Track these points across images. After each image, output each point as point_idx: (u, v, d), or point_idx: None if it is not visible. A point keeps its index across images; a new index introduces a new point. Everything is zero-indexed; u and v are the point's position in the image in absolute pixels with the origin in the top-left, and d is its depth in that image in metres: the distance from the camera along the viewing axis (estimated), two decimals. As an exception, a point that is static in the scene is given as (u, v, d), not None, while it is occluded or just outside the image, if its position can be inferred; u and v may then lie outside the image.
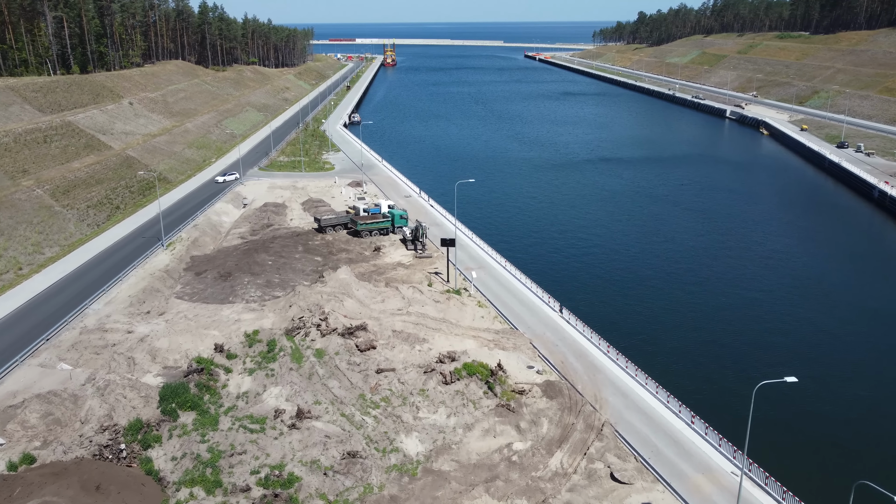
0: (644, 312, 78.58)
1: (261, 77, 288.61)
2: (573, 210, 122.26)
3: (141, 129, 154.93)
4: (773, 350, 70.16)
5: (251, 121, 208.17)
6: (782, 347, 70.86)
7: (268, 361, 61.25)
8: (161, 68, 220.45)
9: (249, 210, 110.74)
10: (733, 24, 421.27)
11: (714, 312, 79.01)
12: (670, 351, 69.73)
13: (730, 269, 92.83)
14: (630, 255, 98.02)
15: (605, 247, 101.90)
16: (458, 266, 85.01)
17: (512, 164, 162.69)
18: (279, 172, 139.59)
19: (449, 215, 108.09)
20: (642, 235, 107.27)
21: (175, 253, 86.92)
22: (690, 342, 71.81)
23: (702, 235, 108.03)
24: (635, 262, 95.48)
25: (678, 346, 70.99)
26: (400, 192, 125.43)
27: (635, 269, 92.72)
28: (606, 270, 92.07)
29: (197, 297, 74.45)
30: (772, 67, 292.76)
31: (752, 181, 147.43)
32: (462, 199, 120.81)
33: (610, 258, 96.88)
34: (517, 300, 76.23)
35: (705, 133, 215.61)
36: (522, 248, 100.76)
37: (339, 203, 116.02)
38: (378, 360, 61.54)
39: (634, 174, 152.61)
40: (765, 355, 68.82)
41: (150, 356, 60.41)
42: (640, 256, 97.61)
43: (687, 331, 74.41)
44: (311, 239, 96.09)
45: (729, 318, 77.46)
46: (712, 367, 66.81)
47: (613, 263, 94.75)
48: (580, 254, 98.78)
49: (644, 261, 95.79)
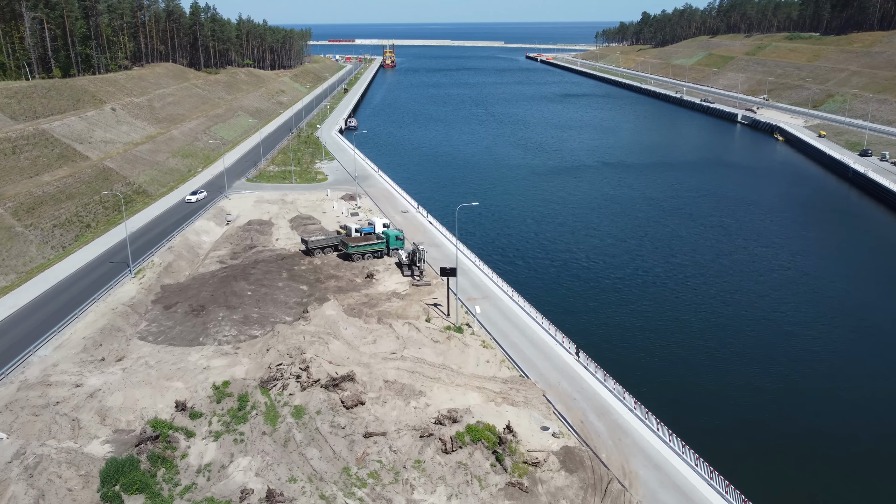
0: (673, 356, 69.49)
1: (255, 80, 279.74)
2: (583, 226, 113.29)
3: (123, 136, 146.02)
4: (837, 409, 60.86)
5: (242, 126, 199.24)
6: (846, 405, 61.31)
7: (238, 422, 52.32)
8: (149, 71, 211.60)
9: (232, 228, 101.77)
10: (740, 24, 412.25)
11: (753, 355, 69.83)
12: (707, 406, 60.69)
13: (762, 298, 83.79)
14: (650, 282, 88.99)
15: (621, 270, 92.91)
16: (461, 295, 76.12)
17: (515, 174, 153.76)
18: (268, 185, 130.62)
19: (450, 234, 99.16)
20: (661, 256, 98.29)
21: (144, 282, 77.95)
22: (730, 394, 62.73)
23: (725, 255, 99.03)
24: (656, 289, 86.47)
25: (715, 398, 61.98)
26: (396, 206, 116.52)
27: (657, 298, 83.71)
28: (624, 299, 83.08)
29: (163, 337, 65.48)
30: (782, 70, 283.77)
31: (771, 192, 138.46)
32: (463, 217, 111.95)
33: (626, 285, 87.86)
34: (527, 339, 67.27)
35: (717, 138, 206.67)
36: (530, 272, 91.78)
37: (331, 219, 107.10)
38: (367, 419, 52.61)
39: (645, 184, 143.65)
40: (829, 414, 59.71)
41: (100, 417, 51.47)
42: (661, 283, 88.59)
43: (722, 375, 65.40)
44: (298, 263, 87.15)
45: (771, 364, 68.29)
46: (762, 430, 57.71)
47: (631, 291, 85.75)
48: (594, 278, 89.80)
49: (666, 288, 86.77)
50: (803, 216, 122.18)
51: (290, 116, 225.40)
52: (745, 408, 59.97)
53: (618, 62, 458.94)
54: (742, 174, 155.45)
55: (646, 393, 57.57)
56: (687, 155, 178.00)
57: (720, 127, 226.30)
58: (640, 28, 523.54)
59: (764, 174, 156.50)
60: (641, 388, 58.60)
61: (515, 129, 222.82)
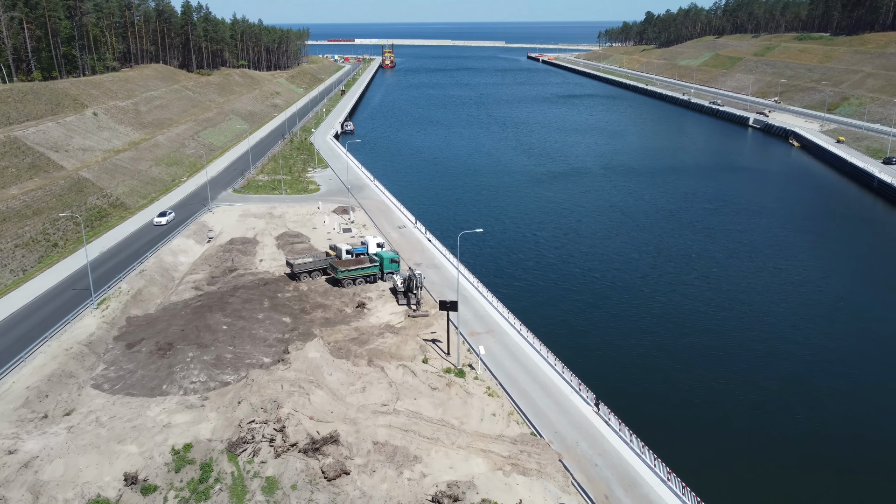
0: (707, 408, 61.06)
1: (249, 81, 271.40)
2: (594, 243, 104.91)
3: (103, 143, 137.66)
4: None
5: (234, 131, 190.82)
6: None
7: (198, 499, 44.04)
8: (138, 73, 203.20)
9: (213, 247, 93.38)
10: (746, 24, 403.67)
11: (810, 404, 61.59)
12: (752, 475, 52.31)
13: (807, 334, 75.45)
14: (670, 309, 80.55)
15: (637, 295, 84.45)
16: (462, 329, 67.85)
17: (519, 183, 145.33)
18: (255, 196, 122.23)
19: (450, 255, 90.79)
20: (681, 280, 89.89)
21: (107, 314, 69.59)
22: (786, 461, 54.40)
23: (753, 277, 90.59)
24: (678, 319, 78.05)
25: (762, 461, 53.63)
26: (393, 220, 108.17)
27: (681, 329, 75.31)
28: (643, 331, 74.70)
29: (121, 384, 57.15)
30: (793, 71, 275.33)
31: (790, 203, 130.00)
32: (464, 236, 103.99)
33: (645, 313, 79.43)
34: (538, 385, 58.91)
35: (728, 144, 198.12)
36: (538, 298, 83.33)
37: (321, 236, 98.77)
38: (351, 496, 44.33)
39: (657, 193, 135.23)
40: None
41: (32, 495, 43.16)
42: (685, 312, 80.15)
43: (766, 431, 57.04)
44: (282, 289, 78.79)
45: (828, 416, 60.05)
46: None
47: (651, 321, 77.33)
48: (609, 305, 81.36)
49: (691, 318, 78.37)
50: (829, 230, 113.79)
51: (284, 120, 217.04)
52: (813, 477, 51.62)
53: (621, 63, 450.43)
54: (757, 182, 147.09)
55: (680, 457, 49.20)
56: (698, 161, 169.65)
57: (731, 131, 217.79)
58: (643, 28, 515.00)
59: (781, 183, 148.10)
60: (674, 450, 50.23)
61: (518, 132, 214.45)
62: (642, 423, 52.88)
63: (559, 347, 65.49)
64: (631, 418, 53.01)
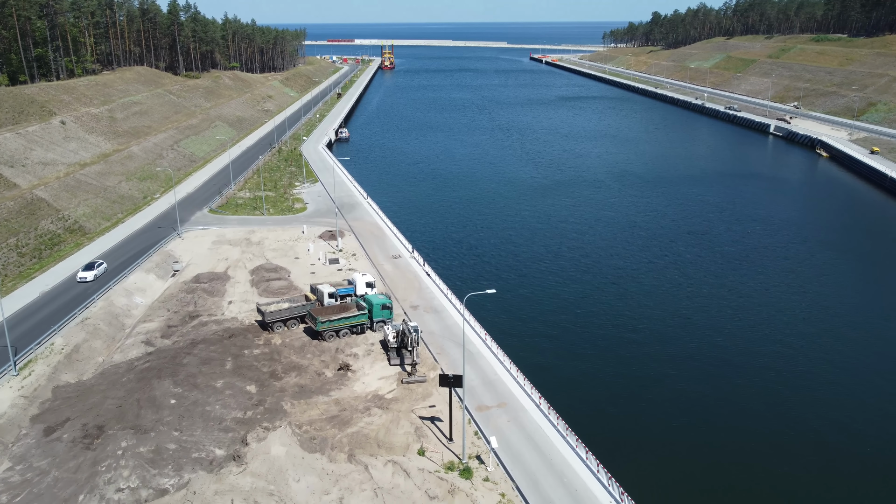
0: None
1: (240, 84, 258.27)
2: (617, 276, 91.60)
3: (69, 156, 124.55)
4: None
5: (218, 139, 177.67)
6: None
7: None
8: (117, 76, 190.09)
9: (176, 284, 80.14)
10: (758, 25, 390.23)
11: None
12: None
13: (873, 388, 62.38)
14: (720, 365, 67.40)
15: (673, 345, 71.26)
16: (469, 400, 54.70)
17: (528, 200, 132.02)
18: (233, 217, 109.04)
19: (453, 296, 77.55)
20: (721, 322, 76.70)
21: (29, 382, 56.41)
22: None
23: (820, 322, 77.40)
24: (730, 379, 64.89)
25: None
26: (386, 248, 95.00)
27: (736, 396, 62.15)
28: (690, 400, 61.50)
29: (25, 495, 43.93)
30: (811, 74, 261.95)
31: (832, 226, 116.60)
32: (470, 263, 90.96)
33: (687, 373, 66.26)
34: (568, 492, 45.62)
35: (749, 153, 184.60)
36: (558, 353, 70.11)
37: (304, 268, 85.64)
38: None
39: (680, 212, 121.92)
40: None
41: None
42: (739, 371, 66.99)
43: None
44: (251, 343, 65.64)
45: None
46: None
47: (698, 386, 64.14)
48: (642, 363, 68.14)
49: (748, 380, 65.20)
50: (875, 255, 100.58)
51: (275, 125, 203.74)
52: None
53: (628, 64, 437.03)
54: (785, 198, 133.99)
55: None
56: (718, 171, 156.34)
57: (750, 139, 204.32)
58: (650, 28, 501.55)
59: (813, 199, 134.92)
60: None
61: (524, 140, 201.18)
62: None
63: (590, 424, 52.39)
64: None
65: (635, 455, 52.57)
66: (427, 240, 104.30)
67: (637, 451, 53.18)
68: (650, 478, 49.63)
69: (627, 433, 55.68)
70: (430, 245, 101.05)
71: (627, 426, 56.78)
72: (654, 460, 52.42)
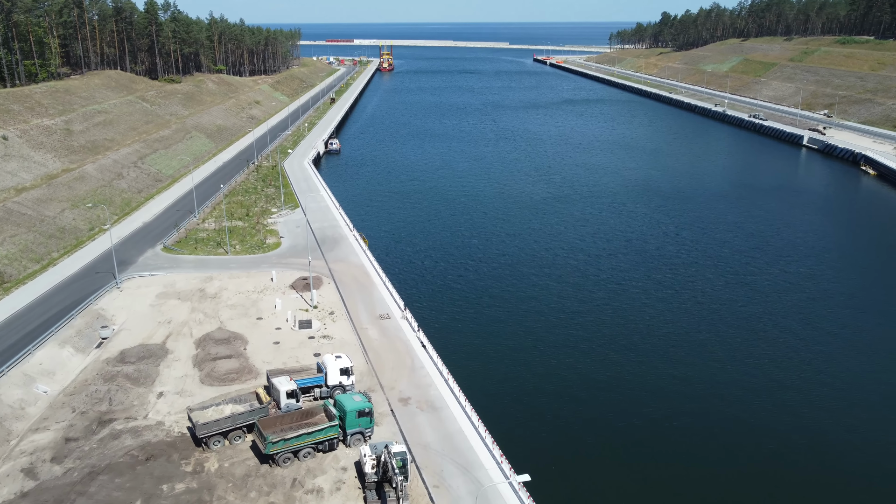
0: None
1: (225, 89, 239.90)
2: (656, 351, 73.42)
3: (4, 180, 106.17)
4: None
5: (193, 152, 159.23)
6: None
7: None
8: (83, 82, 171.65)
9: (94, 364, 61.65)
10: (776, 26, 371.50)
11: None
12: None
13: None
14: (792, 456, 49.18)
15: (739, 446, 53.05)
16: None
17: (542, 230, 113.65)
18: (190, 257, 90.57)
19: (453, 381, 59.17)
20: (782, 401, 58.49)
21: None
22: None
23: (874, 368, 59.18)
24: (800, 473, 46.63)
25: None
26: (372, 303, 76.54)
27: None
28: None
29: None
30: (840, 79, 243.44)
31: (884, 254, 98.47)
32: (475, 322, 72.83)
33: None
34: None
35: (783, 170, 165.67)
36: (591, 479, 51.90)
37: (266, 337, 67.36)
38: None
39: (717, 247, 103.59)
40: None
41: None
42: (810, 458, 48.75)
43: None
44: (175, 470, 47.26)
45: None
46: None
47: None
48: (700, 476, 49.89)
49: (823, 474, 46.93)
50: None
51: (259, 136, 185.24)
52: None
53: (637, 67, 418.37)
54: (830, 223, 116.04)
55: None
56: (753, 191, 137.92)
57: (782, 152, 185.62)
58: (659, 29, 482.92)
59: (862, 226, 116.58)
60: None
61: (532, 152, 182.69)
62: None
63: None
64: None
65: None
66: (422, 286, 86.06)
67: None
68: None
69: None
70: (425, 295, 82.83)
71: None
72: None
